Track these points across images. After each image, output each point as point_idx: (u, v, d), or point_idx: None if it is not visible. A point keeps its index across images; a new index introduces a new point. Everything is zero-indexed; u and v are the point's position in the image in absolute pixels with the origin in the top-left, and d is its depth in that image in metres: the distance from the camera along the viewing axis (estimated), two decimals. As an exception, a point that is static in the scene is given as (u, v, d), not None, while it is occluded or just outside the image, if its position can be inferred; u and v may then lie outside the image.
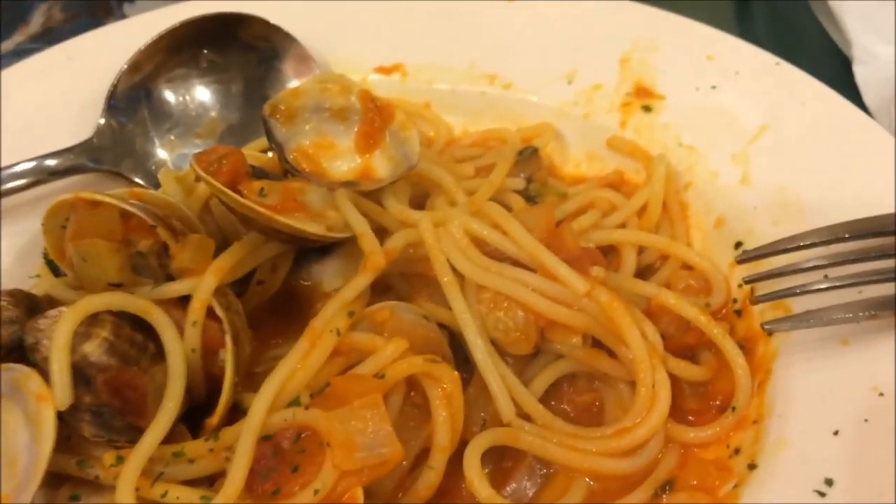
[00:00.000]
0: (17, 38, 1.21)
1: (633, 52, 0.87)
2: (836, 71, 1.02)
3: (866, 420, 0.55)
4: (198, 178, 0.65)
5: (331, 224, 0.65)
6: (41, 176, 0.75)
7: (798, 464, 0.55)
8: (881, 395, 0.56)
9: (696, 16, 0.93)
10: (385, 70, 0.92)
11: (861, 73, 1.00)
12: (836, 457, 0.54)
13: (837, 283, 0.62)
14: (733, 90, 0.81)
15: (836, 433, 0.56)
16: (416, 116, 0.89)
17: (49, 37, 1.20)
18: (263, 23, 0.85)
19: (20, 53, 1.17)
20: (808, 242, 0.63)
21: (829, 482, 0.53)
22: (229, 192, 0.61)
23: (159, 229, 0.61)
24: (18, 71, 0.85)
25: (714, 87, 0.82)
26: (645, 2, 0.93)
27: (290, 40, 0.86)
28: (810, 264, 0.63)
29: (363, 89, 0.76)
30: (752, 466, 0.57)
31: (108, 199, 0.60)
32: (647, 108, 0.84)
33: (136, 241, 0.61)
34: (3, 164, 0.75)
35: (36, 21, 1.25)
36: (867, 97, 0.98)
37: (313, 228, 0.63)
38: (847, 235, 0.63)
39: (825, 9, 1.08)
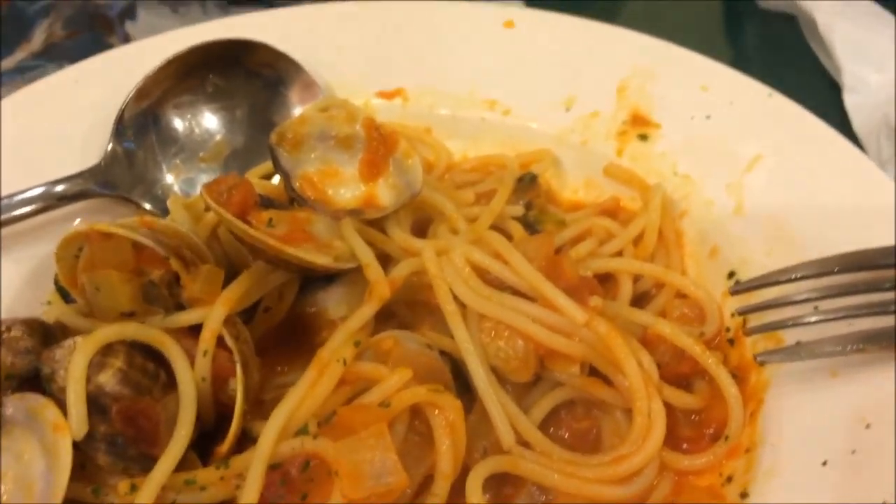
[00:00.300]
0: (18, 56, 1.22)
1: (631, 81, 0.89)
2: (826, 96, 1.05)
3: (853, 451, 0.57)
4: (207, 208, 0.67)
5: (338, 254, 0.67)
6: (50, 202, 0.77)
7: (788, 493, 0.57)
8: (868, 426, 0.58)
9: (688, 40, 0.95)
10: (387, 95, 0.94)
11: (850, 100, 1.02)
12: (824, 487, 0.56)
13: (827, 316, 0.64)
14: (727, 121, 0.83)
15: (824, 463, 0.58)
16: (417, 141, 0.90)
17: (51, 53, 1.21)
18: (270, 50, 0.87)
19: (22, 70, 1.18)
20: (799, 275, 0.65)
21: (818, 512, 0.55)
22: (240, 224, 0.63)
23: (171, 260, 0.62)
24: (27, 93, 0.86)
25: (709, 117, 0.84)
26: (640, 30, 0.96)
27: (296, 67, 0.88)
28: (801, 296, 0.65)
29: (368, 118, 0.78)
30: (743, 495, 0.59)
31: (121, 232, 0.62)
32: (643, 137, 0.86)
33: (148, 271, 0.63)
34: (13, 190, 0.77)
35: (37, 38, 1.26)
36: (856, 123, 1.00)
37: (321, 260, 0.65)
38: (837, 269, 0.65)
39: (816, 36, 1.11)
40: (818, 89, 1.07)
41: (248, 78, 0.88)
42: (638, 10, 1.30)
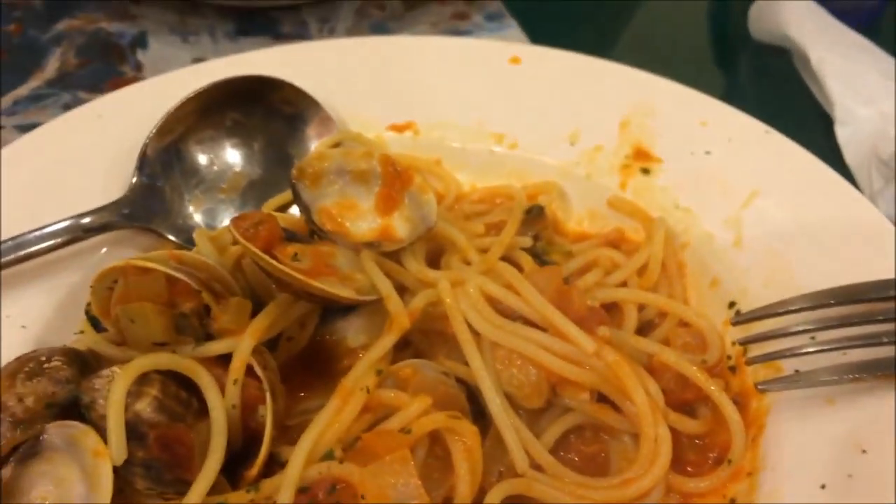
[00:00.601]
0: (32, 84, 1.25)
1: (632, 117, 0.93)
2: (819, 128, 1.09)
3: (850, 476, 0.61)
4: (234, 242, 0.70)
5: (359, 286, 0.70)
6: (77, 234, 0.79)
7: (790, 516, 0.61)
8: (864, 452, 0.62)
9: (683, 72, 0.99)
10: (398, 128, 0.97)
11: (842, 133, 1.07)
12: (824, 510, 0.60)
13: (824, 347, 0.68)
14: (726, 156, 0.87)
15: (823, 487, 0.61)
16: (428, 172, 0.94)
17: (64, 82, 1.24)
18: (288, 86, 0.91)
19: (36, 98, 1.21)
20: (797, 307, 0.69)
21: (818, 533, 0.59)
22: (268, 259, 0.66)
23: (203, 293, 0.66)
24: (52, 127, 0.90)
25: (708, 153, 0.88)
26: (634, 61, 1.00)
27: (313, 103, 0.91)
28: (799, 328, 0.69)
29: (384, 154, 0.81)
30: (747, 517, 0.63)
31: (156, 266, 0.65)
32: (645, 171, 0.90)
33: (180, 303, 0.66)
34: (41, 222, 0.80)
35: (51, 66, 1.29)
36: (847, 156, 1.05)
37: (345, 293, 0.68)
38: (832, 301, 0.69)
39: (809, 69, 1.16)
40: (811, 122, 1.12)
41: (267, 112, 0.91)
42: (632, 41, 1.35)
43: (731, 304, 0.78)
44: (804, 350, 0.68)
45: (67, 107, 1.19)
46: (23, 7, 1.41)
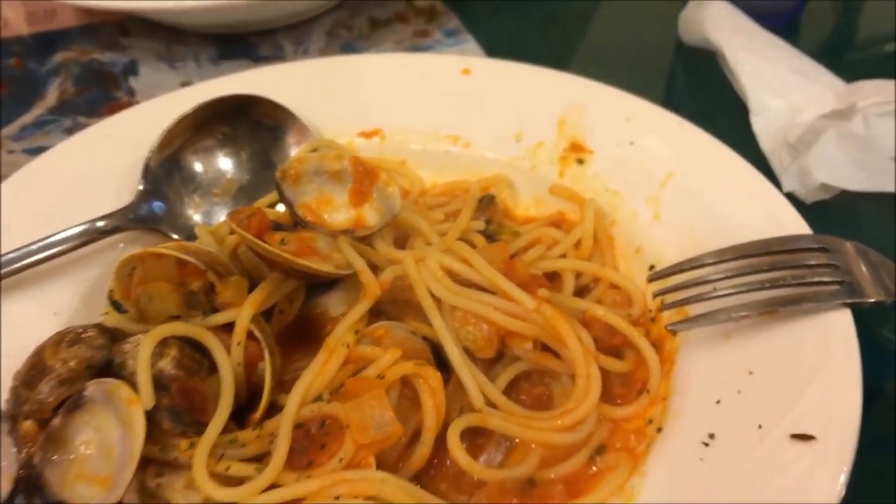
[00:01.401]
0: (36, 112, 1.38)
1: (568, 116, 1.07)
2: (740, 119, 1.23)
3: (739, 392, 0.75)
4: (232, 232, 0.84)
5: (337, 264, 0.84)
6: (93, 235, 0.92)
7: (691, 425, 0.74)
8: (750, 373, 0.76)
9: (626, 77, 1.13)
10: (366, 134, 1.11)
11: (756, 123, 1.20)
12: (717, 418, 0.74)
13: (722, 293, 0.82)
14: (646, 146, 1.01)
15: (718, 402, 0.75)
16: (394, 172, 1.08)
17: (64, 109, 1.37)
18: (269, 102, 1.04)
19: (40, 125, 1.34)
20: (701, 263, 0.84)
21: (711, 436, 0.72)
22: (260, 242, 0.80)
23: (209, 273, 0.79)
24: (66, 147, 1.03)
25: (632, 143, 1.02)
26: (587, 68, 1.14)
27: (291, 115, 1.05)
28: (703, 279, 0.83)
29: (354, 156, 0.95)
30: (659, 430, 0.77)
31: (169, 252, 0.78)
32: (580, 161, 1.04)
33: (189, 282, 0.80)
34: (62, 227, 0.93)
35: (51, 95, 1.42)
36: (762, 142, 1.18)
37: (325, 268, 0.82)
38: (729, 257, 0.83)
39: (729, 68, 1.31)
40: (732, 114, 1.26)
41: (252, 126, 1.05)
42: (578, 50, 1.51)
43: (651, 268, 0.91)
44: (706, 297, 0.82)
45: (69, 130, 1.32)
46: (20, 42, 1.54)
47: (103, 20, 1.52)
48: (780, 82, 1.25)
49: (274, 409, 0.77)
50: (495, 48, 1.46)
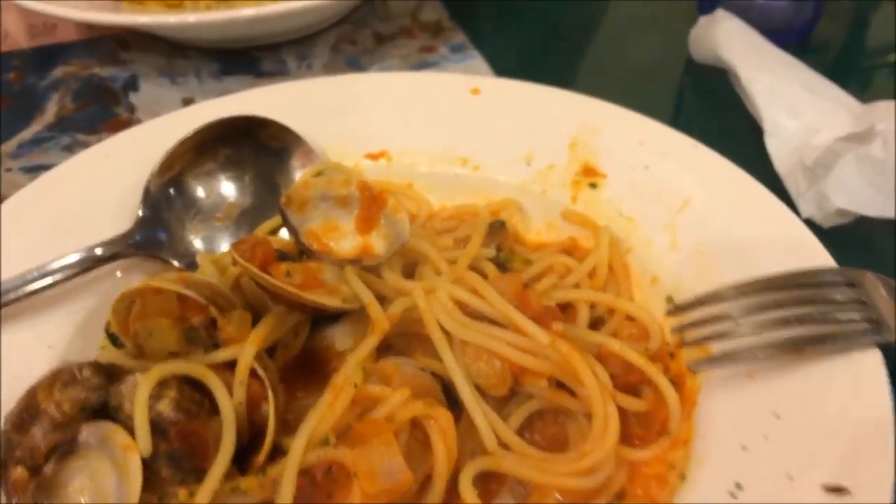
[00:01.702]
0: (34, 128, 1.35)
1: (580, 138, 1.04)
2: (753, 140, 1.20)
3: (766, 437, 0.72)
4: (234, 262, 0.80)
5: (345, 297, 0.81)
6: (91, 263, 0.89)
7: (717, 473, 0.71)
8: (777, 417, 0.73)
9: (636, 96, 1.11)
10: (373, 156, 1.08)
11: (771, 144, 1.17)
12: (744, 466, 0.70)
13: (745, 331, 0.79)
14: (661, 170, 0.98)
15: (744, 448, 0.72)
16: (401, 195, 1.05)
17: (63, 125, 1.34)
18: (274, 124, 1.01)
19: (39, 142, 1.31)
20: (723, 297, 0.81)
21: (738, 486, 0.69)
22: (265, 276, 0.77)
23: (211, 308, 0.76)
24: (66, 168, 1.00)
25: (646, 167, 1.00)
26: (595, 86, 1.11)
27: (297, 137, 1.02)
28: (725, 315, 0.80)
29: (361, 181, 0.92)
30: (682, 477, 0.73)
31: (169, 287, 0.75)
32: (593, 185, 1.01)
33: (190, 316, 0.76)
34: (61, 252, 0.89)
35: (50, 111, 1.39)
36: (777, 164, 1.15)
37: (332, 302, 0.79)
38: (751, 291, 0.80)
39: (741, 87, 1.28)
40: (745, 133, 1.23)
41: (256, 148, 1.02)
42: (586, 67, 1.48)
43: (669, 299, 0.89)
44: (729, 334, 0.79)
45: (67, 148, 1.29)
46: (19, 55, 1.51)
47: (104, 34, 1.49)
48: (794, 102, 1.22)
49: (277, 452, 0.74)
50: (502, 64, 1.43)
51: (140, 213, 0.95)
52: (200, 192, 0.99)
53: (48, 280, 0.86)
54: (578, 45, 1.54)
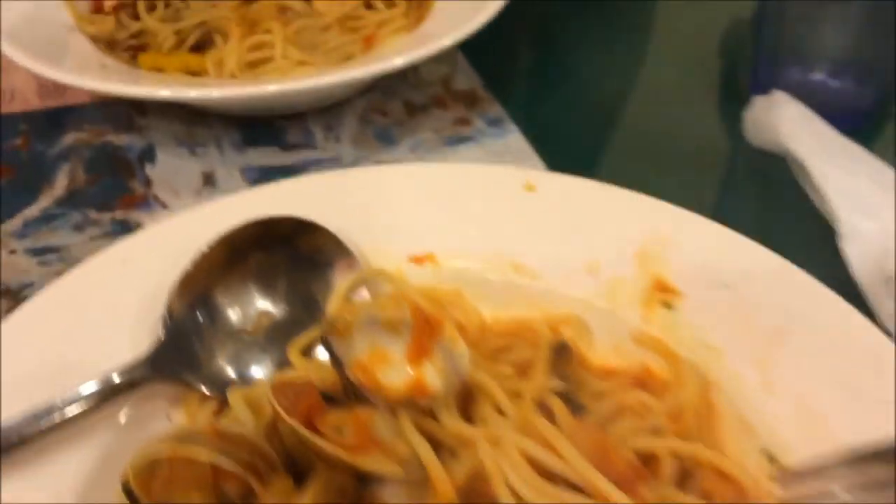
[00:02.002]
0: (42, 203, 1.24)
1: (649, 247, 0.94)
2: (819, 237, 1.11)
3: None
4: (277, 416, 0.70)
5: (402, 457, 0.70)
6: (107, 395, 0.78)
7: None
8: None
9: (686, 182, 1.01)
10: (418, 259, 0.97)
11: (849, 249, 1.08)
12: None
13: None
14: (747, 292, 0.88)
15: None
16: (449, 304, 0.94)
17: (74, 200, 1.23)
18: (312, 225, 0.91)
19: (47, 219, 1.20)
20: (837, 469, 0.70)
21: None
22: (316, 439, 0.66)
23: (248, 476, 0.65)
24: (77, 276, 0.88)
25: (727, 287, 0.89)
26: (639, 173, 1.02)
27: (338, 244, 0.91)
28: (839, 490, 0.69)
29: (415, 304, 0.81)
30: None
31: (203, 457, 0.64)
32: (667, 305, 0.90)
33: (223, 484, 0.66)
34: (69, 381, 0.78)
35: (60, 183, 1.28)
36: (856, 274, 1.06)
37: (391, 469, 0.68)
38: (873, 462, 0.70)
39: (806, 178, 1.18)
40: (810, 230, 1.14)
41: (290, 252, 0.91)
42: (631, 146, 1.38)
43: (766, 452, 0.78)
44: (845, 513, 0.68)
45: (78, 227, 1.19)
46: (28, 118, 1.41)
47: (119, 98, 1.39)
48: (871, 202, 1.13)
49: None
50: (542, 142, 1.34)
51: (161, 333, 0.84)
52: (228, 306, 0.88)
53: (59, 417, 0.75)
54: (620, 121, 1.45)
